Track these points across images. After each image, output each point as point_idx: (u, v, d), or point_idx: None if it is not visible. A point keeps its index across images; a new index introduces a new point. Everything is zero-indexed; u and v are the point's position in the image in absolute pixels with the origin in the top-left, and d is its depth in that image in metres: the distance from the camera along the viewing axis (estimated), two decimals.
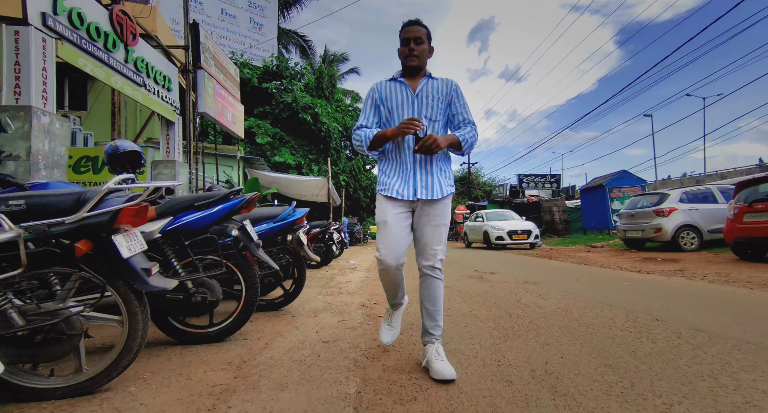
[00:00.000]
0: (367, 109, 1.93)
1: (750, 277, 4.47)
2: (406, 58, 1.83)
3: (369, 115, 1.92)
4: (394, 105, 1.86)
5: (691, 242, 8.44)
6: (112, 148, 2.91)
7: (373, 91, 1.93)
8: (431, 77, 1.91)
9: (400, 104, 1.86)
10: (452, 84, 1.92)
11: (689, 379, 1.64)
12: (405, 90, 1.86)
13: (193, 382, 1.72)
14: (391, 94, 1.87)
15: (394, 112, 1.86)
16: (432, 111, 1.85)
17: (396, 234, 1.80)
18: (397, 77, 1.91)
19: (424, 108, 1.85)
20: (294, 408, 1.44)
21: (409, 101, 1.85)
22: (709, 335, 2.28)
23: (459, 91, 1.92)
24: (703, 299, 3.43)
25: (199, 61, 7.87)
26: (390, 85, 1.90)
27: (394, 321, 2.06)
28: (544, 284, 4.56)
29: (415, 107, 1.84)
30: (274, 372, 1.83)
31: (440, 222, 1.85)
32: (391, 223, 1.80)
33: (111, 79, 5.54)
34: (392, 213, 1.81)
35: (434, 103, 1.85)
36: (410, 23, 1.85)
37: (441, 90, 1.87)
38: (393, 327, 2.04)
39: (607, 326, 2.56)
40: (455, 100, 1.91)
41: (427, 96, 1.85)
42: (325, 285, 4.80)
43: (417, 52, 1.82)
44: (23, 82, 4.16)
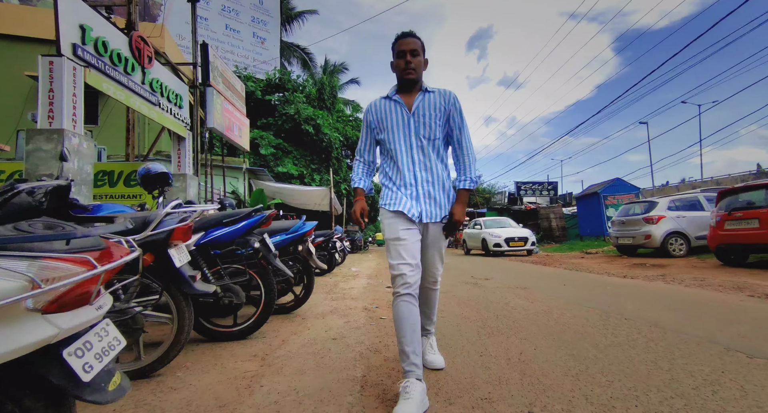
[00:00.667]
0: (363, 134, 1.92)
1: (723, 281, 4.82)
2: (403, 71, 1.77)
3: (366, 140, 1.91)
4: (390, 126, 1.81)
5: (679, 248, 8.79)
6: (145, 170, 3.29)
7: (368, 112, 1.88)
8: (427, 91, 1.83)
9: (397, 125, 1.80)
10: (450, 97, 1.83)
11: (634, 364, 2.01)
12: (400, 110, 1.80)
13: (228, 369, 2.09)
14: (387, 115, 1.82)
15: (390, 134, 1.81)
16: (430, 130, 1.78)
17: (410, 247, 1.70)
18: (392, 95, 1.84)
19: (421, 128, 1.78)
20: (314, 386, 1.81)
21: (405, 122, 1.78)
22: (664, 331, 2.64)
23: (458, 106, 1.84)
24: (673, 301, 3.79)
25: (208, 79, 8.31)
26: (384, 104, 1.84)
27: (410, 395, 1.48)
28: (533, 289, 4.92)
29: (411, 128, 1.78)
30: (293, 361, 2.20)
31: (442, 245, 1.86)
32: (405, 237, 1.70)
33: (130, 100, 5.96)
34: (403, 228, 1.72)
35: (431, 121, 1.78)
36: (405, 35, 1.78)
37: (438, 105, 1.80)
38: (420, 384, 1.54)
39: (580, 324, 2.92)
40: (454, 115, 1.83)
41: (424, 114, 1.78)
42: (330, 291, 5.16)
43: (414, 64, 1.75)
44: (56, 107, 4.58)
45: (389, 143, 1.81)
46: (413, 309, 1.64)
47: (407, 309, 1.63)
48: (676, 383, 1.74)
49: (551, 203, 21.79)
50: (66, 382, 1.00)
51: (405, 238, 1.70)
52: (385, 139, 1.83)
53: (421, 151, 1.79)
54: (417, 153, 1.79)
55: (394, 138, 1.80)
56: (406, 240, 1.69)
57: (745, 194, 6.73)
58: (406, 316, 1.62)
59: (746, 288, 4.21)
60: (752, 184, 6.75)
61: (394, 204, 1.75)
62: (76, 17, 4.90)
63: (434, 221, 1.78)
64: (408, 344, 1.59)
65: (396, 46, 1.79)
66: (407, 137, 1.79)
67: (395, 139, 1.80)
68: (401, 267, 1.66)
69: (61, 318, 0.97)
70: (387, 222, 1.77)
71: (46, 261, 0.94)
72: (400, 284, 1.65)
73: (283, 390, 1.77)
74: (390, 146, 1.81)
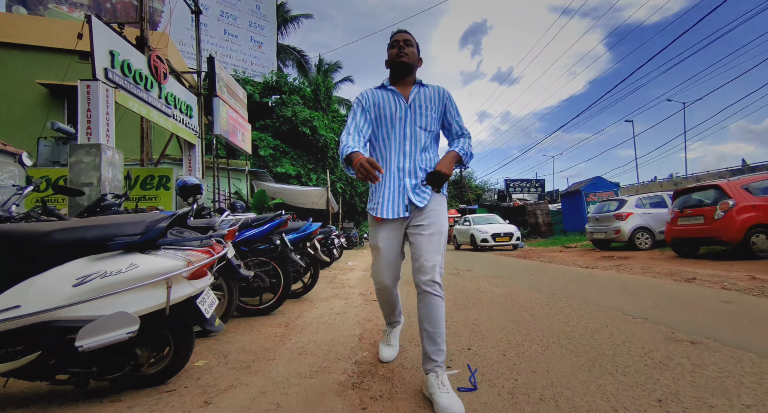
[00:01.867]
0: (357, 114, 1.77)
1: (662, 270, 5.70)
2: (396, 56, 1.76)
3: (359, 120, 1.75)
4: (387, 114, 1.76)
5: (645, 242, 9.71)
6: (182, 182, 4.06)
7: (363, 97, 1.80)
8: (422, 85, 1.84)
9: (394, 115, 1.76)
10: (444, 92, 1.85)
11: (554, 326, 2.84)
12: (397, 100, 1.77)
13: (262, 332, 2.89)
14: (383, 103, 1.77)
15: (387, 122, 1.76)
16: (427, 121, 1.77)
17: (390, 258, 1.81)
18: (387, 85, 1.82)
19: (419, 118, 1.76)
20: (326, 339, 2.62)
21: (402, 112, 1.76)
22: (587, 304, 3.49)
23: (452, 100, 1.86)
24: (611, 284, 4.65)
25: (215, 90, 9.03)
26: (380, 94, 1.80)
27: (392, 340, 2.17)
28: (504, 278, 5.77)
29: (409, 118, 1.75)
30: (309, 327, 3.01)
31: (435, 231, 1.71)
32: (383, 249, 1.79)
33: (150, 114, 6.70)
34: (383, 238, 1.78)
35: (429, 112, 1.78)
36: (399, 32, 1.82)
37: (434, 99, 1.81)
38: (392, 345, 2.16)
39: (528, 302, 3.76)
40: (450, 109, 1.84)
41: (421, 106, 1.77)
42: (330, 282, 5.97)
43: (407, 50, 1.77)
44: (93, 124, 5.32)
45: (384, 133, 1.77)
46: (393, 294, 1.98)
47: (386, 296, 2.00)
48: (571, 332, 2.58)
49: (539, 200, 22.73)
50: (197, 319, 1.82)
51: (383, 249, 1.79)
52: (377, 128, 1.78)
53: (413, 142, 1.75)
54: (410, 144, 1.75)
55: (387, 128, 1.76)
56: (383, 252, 1.80)
57: (696, 194, 7.63)
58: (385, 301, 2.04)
59: (675, 275, 5.09)
60: (702, 185, 7.65)
61: (377, 209, 1.76)
62: (106, 44, 5.62)
63: (420, 206, 1.73)
64: (389, 314, 2.15)
65: (390, 40, 1.82)
66: (402, 128, 1.75)
67: (389, 129, 1.76)
68: (378, 275, 1.87)
69: (196, 282, 1.77)
70: (370, 228, 1.86)
71: (192, 252, 1.75)
72: (377, 289, 1.98)
73: (306, 342, 2.59)
74: (381, 136, 1.78)
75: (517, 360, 2.09)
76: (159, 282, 1.60)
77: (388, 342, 2.17)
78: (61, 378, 1.63)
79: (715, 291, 3.89)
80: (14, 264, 1.51)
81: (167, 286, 1.62)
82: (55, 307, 1.44)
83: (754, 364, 1.88)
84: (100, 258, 1.55)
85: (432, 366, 1.63)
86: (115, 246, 1.58)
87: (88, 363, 1.59)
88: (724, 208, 6.73)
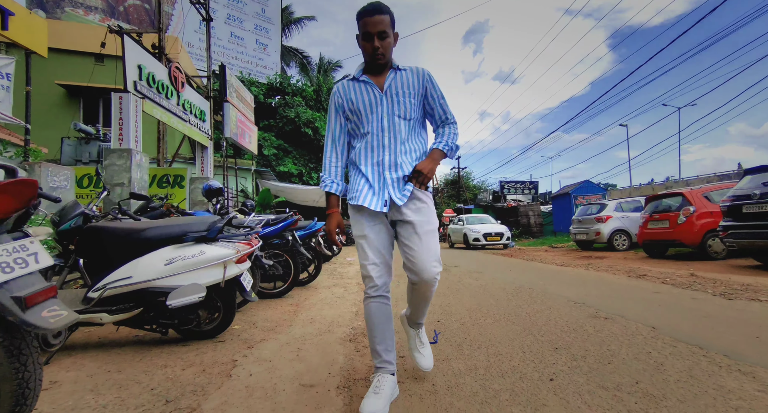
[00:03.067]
0: (332, 120, 1.74)
1: (624, 268, 6.45)
2: (372, 57, 1.62)
3: (334, 126, 1.73)
4: (362, 108, 1.65)
5: (622, 243, 10.47)
6: (207, 186, 4.76)
7: (335, 95, 1.72)
8: (398, 69, 1.69)
9: (369, 106, 1.65)
10: (424, 73, 1.71)
11: (510, 308, 3.58)
12: (371, 89, 1.66)
13: (278, 309, 3.63)
14: (357, 96, 1.66)
15: (363, 116, 1.66)
16: (405, 108, 1.65)
17: (378, 248, 1.62)
18: (358, 76, 1.69)
19: (395, 106, 1.64)
20: (330, 314, 3.37)
21: (377, 101, 1.64)
22: (547, 294, 4.23)
23: (433, 81, 1.72)
24: (574, 279, 5.39)
25: (225, 96, 9.73)
26: (353, 86, 1.69)
27: (380, 390, 1.51)
28: (485, 273, 6.51)
29: (385, 107, 1.64)
30: (315, 306, 3.75)
31: (427, 229, 1.63)
32: (371, 237, 1.62)
33: (171, 121, 7.42)
34: (369, 225, 1.63)
35: (406, 99, 1.65)
36: (371, 12, 1.57)
37: (412, 83, 1.67)
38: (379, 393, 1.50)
39: (498, 291, 4.50)
40: (431, 92, 1.71)
41: (397, 92, 1.65)
42: (331, 274, 6.71)
43: (382, 49, 1.60)
44: (124, 131, 6.02)
45: (360, 126, 1.68)
46: (384, 308, 1.61)
47: (377, 310, 1.60)
48: (520, 312, 3.32)
49: (533, 201, 23.49)
50: (241, 291, 2.57)
51: (371, 237, 1.62)
52: (354, 122, 1.69)
53: (393, 132, 1.64)
54: (388, 135, 1.64)
55: (365, 120, 1.66)
56: (371, 238, 1.61)
57: (666, 200, 8.37)
58: (376, 317, 1.60)
59: (631, 272, 5.84)
60: (669, 192, 8.40)
61: (357, 197, 1.63)
62: (135, 59, 6.33)
63: (400, 204, 1.61)
64: (379, 343, 1.59)
65: (360, 25, 1.59)
66: (379, 119, 1.64)
67: (366, 121, 1.66)
68: (368, 269, 1.60)
69: (241, 266, 2.51)
70: (353, 218, 1.69)
71: (238, 244, 2.49)
72: (369, 286, 1.62)
73: (314, 315, 3.33)
74: (360, 130, 1.68)
75: (471, 328, 2.83)
76: (218, 264, 2.34)
77: (378, 387, 1.52)
78: (151, 327, 2.37)
79: (655, 285, 4.63)
80: (123, 250, 2.24)
81: (223, 267, 2.36)
82: (154, 278, 2.18)
83: (641, 332, 2.62)
84: (180, 246, 2.29)
85: (415, 326, 1.90)
86: (189, 239, 2.31)
87: (171, 318, 2.33)
88: (686, 214, 7.48)
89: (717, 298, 3.70)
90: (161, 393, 1.75)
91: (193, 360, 2.16)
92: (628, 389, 1.69)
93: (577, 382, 1.78)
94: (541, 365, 2.02)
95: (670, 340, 2.37)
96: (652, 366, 1.95)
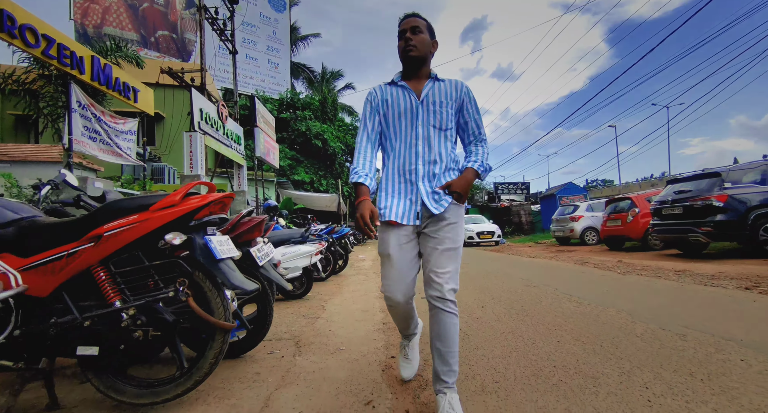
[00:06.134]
0: (366, 118, 1.69)
1: (579, 259, 8.33)
2: (404, 49, 1.60)
3: (369, 124, 1.68)
4: (395, 114, 1.63)
5: (592, 239, 12.35)
6: (267, 204, 6.65)
7: (372, 96, 1.69)
8: (437, 79, 1.66)
9: (403, 113, 1.62)
10: (463, 86, 1.67)
11: (477, 284, 5.46)
12: (408, 95, 1.63)
13: (327, 288, 5.52)
14: (393, 100, 1.64)
15: (395, 122, 1.63)
16: (441, 119, 1.61)
17: (402, 269, 1.59)
18: (397, 81, 1.67)
19: (431, 116, 1.61)
20: (362, 288, 5.28)
21: (413, 109, 1.61)
22: (511, 278, 6.11)
23: (471, 95, 1.69)
24: (533, 266, 7.27)
25: (255, 122, 11.63)
26: (390, 90, 1.67)
27: (410, 353, 1.93)
28: (470, 264, 8.40)
29: (420, 116, 1.61)
30: (351, 286, 5.65)
31: (449, 246, 1.56)
32: (396, 257, 1.58)
33: (220, 148, 9.34)
34: (395, 245, 1.59)
35: (443, 109, 1.62)
36: (406, 16, 1.65)
37: (450, 93, 1.64)
38: (410, 360, 1.93)
39: (474, 274, 6.38)
40: (467, 106, 1.68)
41: (434, 102, 1.61)
42: (351, 267, 8.63)
43: (415, 41, 1.59)
44: (194, 162, 7.92)
45: (393, 133, 1.65)
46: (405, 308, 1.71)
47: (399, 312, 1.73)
48: (485, 285, 5.22)
49: (525, 200, 25.38)
50: (318, 272, 4.52)
51: (395, 257, 1.59)
52: (386, 128, 1.67)
53: (427, 142, 1.61)
54: (423, 144, 1.61)
55: (397, 127, 1.63)
56: (396, 260, 1.59)
57: (621, 202, 10.25)
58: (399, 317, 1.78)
59: (579, 261, 7.72)
60: (622, 197, 10.29)
61: (386, 214, 1.60)
62: (198, 104, 8.23)
63: (436, 213, 1.57)
64: (405, 328, 1.89)
65: (399, 28, 1.65)
66: (413, 126, 1.61)
67: (399, 128, 1.63)
68: (389, 288, 1.62)
69: (318, 257, 4.45)
70: (380, 235, 1.67)
71: (317, 244, 4.42)
72: (388, 305, 1.70)
73: (352, 290, 5.22)
74: (392, 136, 1.65)
75: None
76: (307, 256, 4.25)
77: (406, 356, 1.94)
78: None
79: (586, 268, 6.52)
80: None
81: (310, 257, 4.27)
82: (279, 259, 4.09)
83: (552, 292, 4.49)
84: (288, 245, 4.20)
85: (442, 386, 1.54)
86: (292, 241, 4.23)
87: None
88: (632, 215, 9.36)
89: (617, 275, 5.59)
90: (303, 313, 3.65)
91: (299, 308, 4.05)
92: (532, 319, 3.59)
93: (497, 310, 3.67)
94: (481, 303, 3.91)
95: (568, 297, 4.27)
96: (554, 310, 3.84)
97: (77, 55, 4.95)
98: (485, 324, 3.09)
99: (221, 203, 1.80)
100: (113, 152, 6.10)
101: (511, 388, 1.83)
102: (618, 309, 3.34)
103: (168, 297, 1.58)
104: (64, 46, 4.71)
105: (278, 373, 2.16)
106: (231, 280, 1.69)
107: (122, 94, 6.09)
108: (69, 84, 5.02)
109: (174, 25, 18.06)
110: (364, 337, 2.86)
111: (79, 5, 16.38)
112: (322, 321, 3.45)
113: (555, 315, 3.28)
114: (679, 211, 7.07)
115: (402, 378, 1.93)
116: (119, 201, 1.65)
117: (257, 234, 2.44)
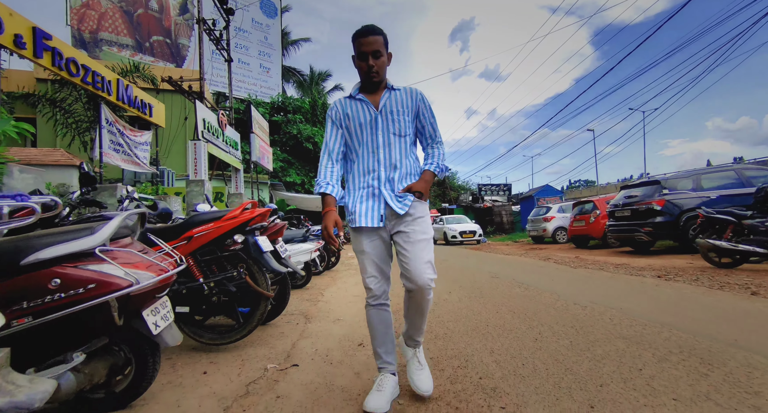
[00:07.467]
0: (328, 132, 1.80)
1: (544, 256, 9.38)
2: (367, 75, 1.71)
3: (331, 137, 1.79)
4: (356, 125, 1.75)
5: (562, 237, 13.47)
6: None
7: (334, 111, 1.80)
8: (393, 89, 1.79)
9: (365, 124, 1.74)
10: (417, 93, 1.81)
11: (452, 276, 6.43)
12: (366, 108, 1.75)
13: (323, 281, 6.41)
14: (353, 113, 1.76)
15: (357, 133, 1.75)
16: (399, 126, 1.75)
17: (377, 260, 1.74)
18: (355, 95, 1.78)
19: (390, 124, 1.74)
20: (353, 280, 6.19)
21: (372, 119, 1.74)
22: (479, 270, 7.09)
23: (426, 101, 1.82)
24: (503, 262, 8.27)
25: (251, 129, 12.40)
26: (350, 103, 1.78)
27: (381, 396, 1.67)
28: (449, 260, 9.37)
29: (380, 125, 1.74)
30: (343, 278, 6.56)
31: (420, 238, 1.71)
32: (369, 251, 1.73)
33: (221, 154, 10.13)
34: (367, 242, 1.74)
35: (400, 117, 1.75)
36: (365, 33, 1.67)
37: (405, 102, 1.77)
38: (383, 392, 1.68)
39: (448, 269, 7.34)
40: (423, 111, 1.82)
41: (392, 111, 1.74)
42: (342, 263, 9.52)
43: (377, 67, 1.69)
44: (198, 167, 8.72)
45: (356, 144, 1.77)
46: (383, 314, 1.77)
47: (377, 316, 1.77)
48: (459, 278, 6.18)
49: (507, 201, 26.60)
50: (315, 267, 5.44)
51: (369, 251, 1.73)
52: (350, 138, 1.79)
53: (388, 148, 1.75)
54: (384, 151, 1.74)
55: (359, 138, 1.76)
56: (369, 253, 1.73)
57: (585, 204, 11.37)
58: (376, 323, 1.78)
59: (543, 257, 8.76)
60: (585, 200, 11.41)
61: (355, 220, 1.73)
62: (201, 114, 9.01)
63: (401, 213, 1.70)
64: (380, 345, 1.79)
65: (356, 45, 1.70)
66: (374, 135, 1.74)
67: (361, 138, 1.76)
68: (368, 281, 1.74)
69: (316, 254, 5.36)
70: (353, 236, 1.80)
71: (315, 243, 5.33)
72: (369, 296, 1.78)
73: (345, 281, 6.12)
74: (355, 146, 1.78)
75: None
76: (308, 252, 5.15)
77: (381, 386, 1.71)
78: None
79: (547, 263, 7.55)
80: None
81: (310, 253, 5.17)
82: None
83: (511, 283, 5.46)
84: (293, 243, 5.09)
85: (411, 343, 1.88)
86: (295, 240, 5.12)
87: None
88: (594, 216, 10.48)
89: (569, 268, 6.62)
90: (306, 298, 4.53)
91: (302, 295, 4.93)
92: (485, 300, 4.54)
93: (460, 294, 4.62)
94: (449, 290, 4.86)
95: (520, 284, 5.24)
96: (504, 294, 4.81)
97: (106, 79, 5.73)
98: (449, 303, 4.04)
99: (262, 215, 2.69)
100: (133, 162, 6.87)
101: (454, 336, 2.78)
102: (552, 292, 4.33)
103: (232, 276, 2.47)
104: (97, 73, 5.50)
105: (297, 332, 3.07)
106: (271, 265, 2.59)
107: (140, 110, 6.87)
108: (99, 105, 5.79)
109: (168, 31, 18.58)
110: (355, 313, 3.78)
111: (75, 11, 16.81)
112: (322, 303, 4.35)
113: (503, 297, 4.25)
114: (628, 213, 8.16)
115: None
116: (201, 214, 2.53)
117: (280, 235, 3.32)
